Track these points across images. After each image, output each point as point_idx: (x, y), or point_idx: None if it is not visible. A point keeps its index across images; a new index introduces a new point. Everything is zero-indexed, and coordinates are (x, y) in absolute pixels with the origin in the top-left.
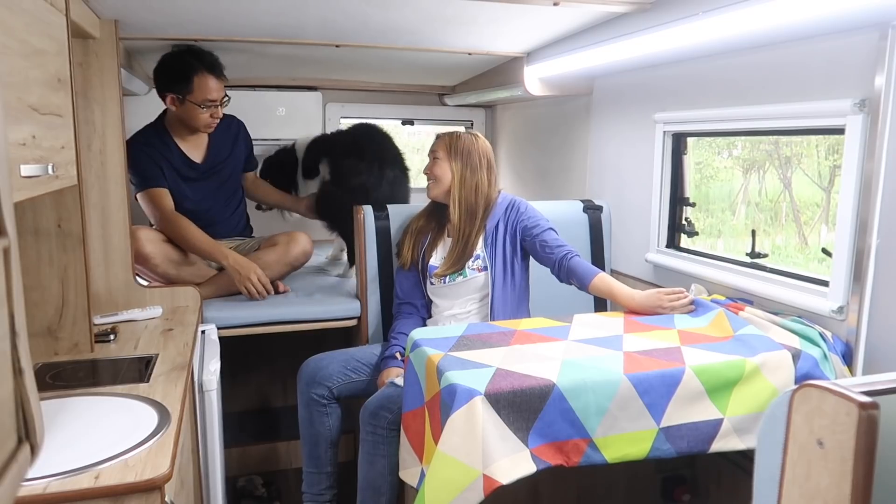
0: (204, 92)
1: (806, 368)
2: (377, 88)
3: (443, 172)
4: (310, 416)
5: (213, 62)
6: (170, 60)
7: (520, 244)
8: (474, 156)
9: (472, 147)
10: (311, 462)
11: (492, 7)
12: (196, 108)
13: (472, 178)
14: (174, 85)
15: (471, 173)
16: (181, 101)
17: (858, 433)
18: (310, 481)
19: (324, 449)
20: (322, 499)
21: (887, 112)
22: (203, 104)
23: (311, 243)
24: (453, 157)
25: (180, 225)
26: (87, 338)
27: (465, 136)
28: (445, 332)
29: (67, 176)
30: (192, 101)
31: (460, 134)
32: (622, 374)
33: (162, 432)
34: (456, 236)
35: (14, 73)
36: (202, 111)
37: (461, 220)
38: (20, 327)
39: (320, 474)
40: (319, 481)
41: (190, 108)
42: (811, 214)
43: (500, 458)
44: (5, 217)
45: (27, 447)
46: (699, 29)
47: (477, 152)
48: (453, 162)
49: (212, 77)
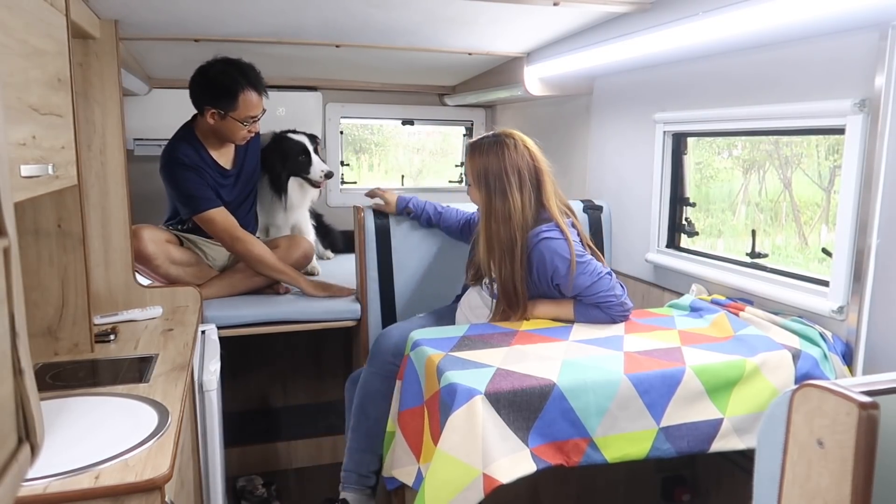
0: (248, 109)
1: (806, 368)
2: (377, 88)
3: (475, 200)
4: (385, 391)
5: (257, 78)
6: (214, 75)
7: None
8: (500, 172)
9: (497, 160)
10: (367, 440)
11: (492, 7)
12: (237, 125)
13: (503, 206)
14: (217, 100)
15: (501, 199)
16: (222, 116)
17: (858, 433)
18: (358, 460)
19: (384, 428)
20: (368, 482)
21: (887, 112)
22: (245, 121)
23: (312, 246)
24: (478, 180)
25: (254, 244)
26: (87, 338)
27: (487, 146)
28: (447, 332)
29: (67, 176)
30: (234, 118)
31: (481, 143)
32: (622, 374)
33: (162, 432)
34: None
35: (14, 73)
36: (242, 127)
37: (497, 264)
38: (20, 327)
39: (373, 454)
40: (371, 462)
41: (230, 123)
42: (811, 214)
43: (500, 457)
44: (5, 217)
45: (27, 447)
46: (699, 29)
47: (503, 165)
48: (479, 187)
49: (255, 93)
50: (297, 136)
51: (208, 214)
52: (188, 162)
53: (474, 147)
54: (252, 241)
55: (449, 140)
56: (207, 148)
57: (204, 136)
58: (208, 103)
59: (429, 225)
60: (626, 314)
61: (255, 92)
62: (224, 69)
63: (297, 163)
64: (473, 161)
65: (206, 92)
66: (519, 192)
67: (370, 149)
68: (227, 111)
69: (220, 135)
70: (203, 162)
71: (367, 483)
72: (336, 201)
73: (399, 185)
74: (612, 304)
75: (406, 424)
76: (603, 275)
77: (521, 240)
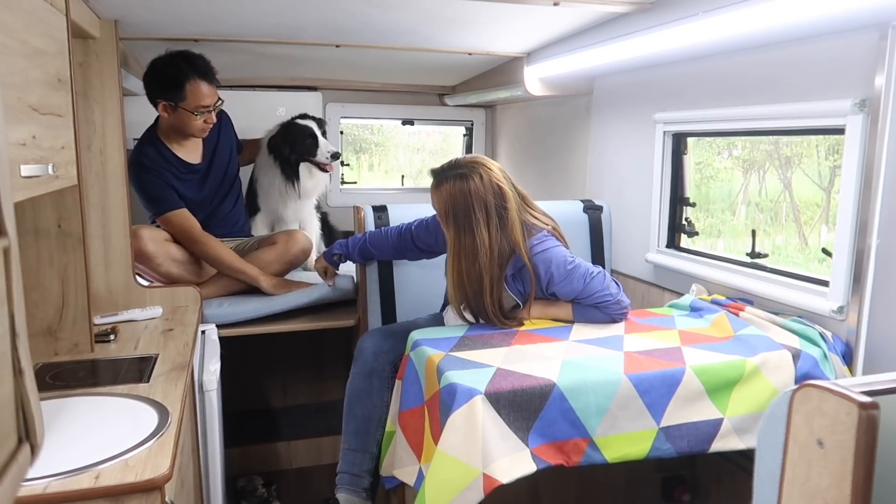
0: (197, 98)
1: (806, 368)
2: (377, 88)
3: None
4: (368, 388)
5: (206, 67)
6: (161, 66)
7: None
8: (466, 210)
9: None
10: (357, 440)
11: (492, 7)
12: (189, 115)
13: (472, 244)
14: (166, 92)
15: (470, 237)
16: (173, 108)
17: (858, 433)
18: (350, 460)
19: (374, 427)
20: (361, 483)
21: (887, 112)
22: (196, 111)
23: (310, 241)
24: (445, 218)
25: (211, 245)
26: (87, 338)
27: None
28: (447, 332)
29: (67, 176)
30: (184, 108)
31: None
32: (622, 374)
33: (162, 432)
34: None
35: (14, 73)
36: (195, 118)
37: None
38: (20, 327)
39: (365, 454)
40: (363, 462)
41: (183, 115)
42: (811, 214)
43: (501, 457)
44: (5, 217)
45: (27, 447)
46: (699, 29)
47: (469, 202)
48: (447, 226)
49: (204, 82)
50: (304, 120)
51: (167, 217)
52: (148, 163)
53: (439, 180)
54: (210, 243)
55: (449, 140)
56: (170, 145)
57: (165, 133)
58: (159, 96)
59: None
60: (625, 312)
61: (203, 81)
62: (170, 60)
63: (305, 146)
64: (439, 195)
65: (154, 84)
66: (486, 227)
67: (370, 149)
68: (176, 102)
69: (177, 128)
70: (164, 160)
71: (360, 484)
72: (336, 201)
73: (399, 185)
74: (608, 302)
75: (406, 424)
76: (595, 275)
77: (489, 275)
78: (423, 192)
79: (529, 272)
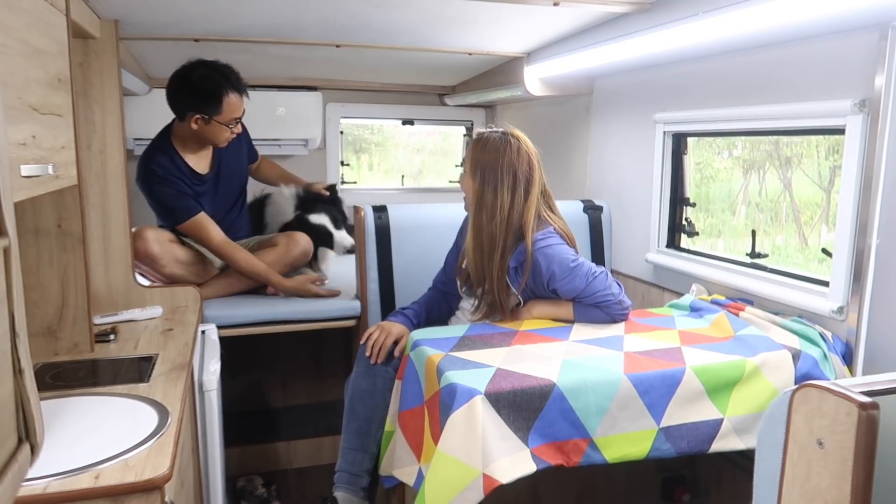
0: (232, 111)
1: (806, 368)
2: (377, 88)
3: (466, 189)
4: (371, 388)
5: (238, 79)
6: (197, 81)
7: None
8: (497, 169)
9: (496, 156)
10: (358, 439)
11: (492, 7)
12: (222, 128)
13: (492, 201)
14: (202, 105)
15: (492, 194)
16: (206, 121)
17: (858, 433)
18: (350, 459)
19: (376, 427)
20: (360, 483)
21: (887, 112)
22: (230, 123)
23: (311, 243)
24: (474, 169)
25: (235, 251)
26: (87, 338)
27: (491, 140)
28: (447, 332)
29: (67, 176)
30: (218, 121)
31: (487, 136)
32: (622, 374)
33: (162, 432)
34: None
35: (14, 73)
36: (226, 129)
37: (477, 257)
38: (20, 327)
39: (364, 453)
40: (362, 461)
41: (215, 126)
42: (811, 214)
43: (500, 457)
44: (5, 217)
45: (27, 447)
46: (699, 29)
47: (501, 163)
48: (474, 177)
49: (237, 95)
50: (317, 216)
51: (194, 222)
52: (162, 173)
53: (479, 139)
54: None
55: (449, 140)
56: (183, 154)
57: (181, 141)
58: (192, 109)
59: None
60: (626, 312)
61: (237, 94)
62: (206, 73)
63: (321, 241)
64: (475, 151)
65: (189, 98)
66: (510, 192)
67: (370, 149)
68: (211, 115)
69: (201, 139)
70: (178, 170)
71: (358, 483)
72: None
73: (399, 185)
74: (610, 302)
75: (406, 424)
76: (598, 274)
77: (502, 240)
78: (423, 192)
79: (527, 264)
